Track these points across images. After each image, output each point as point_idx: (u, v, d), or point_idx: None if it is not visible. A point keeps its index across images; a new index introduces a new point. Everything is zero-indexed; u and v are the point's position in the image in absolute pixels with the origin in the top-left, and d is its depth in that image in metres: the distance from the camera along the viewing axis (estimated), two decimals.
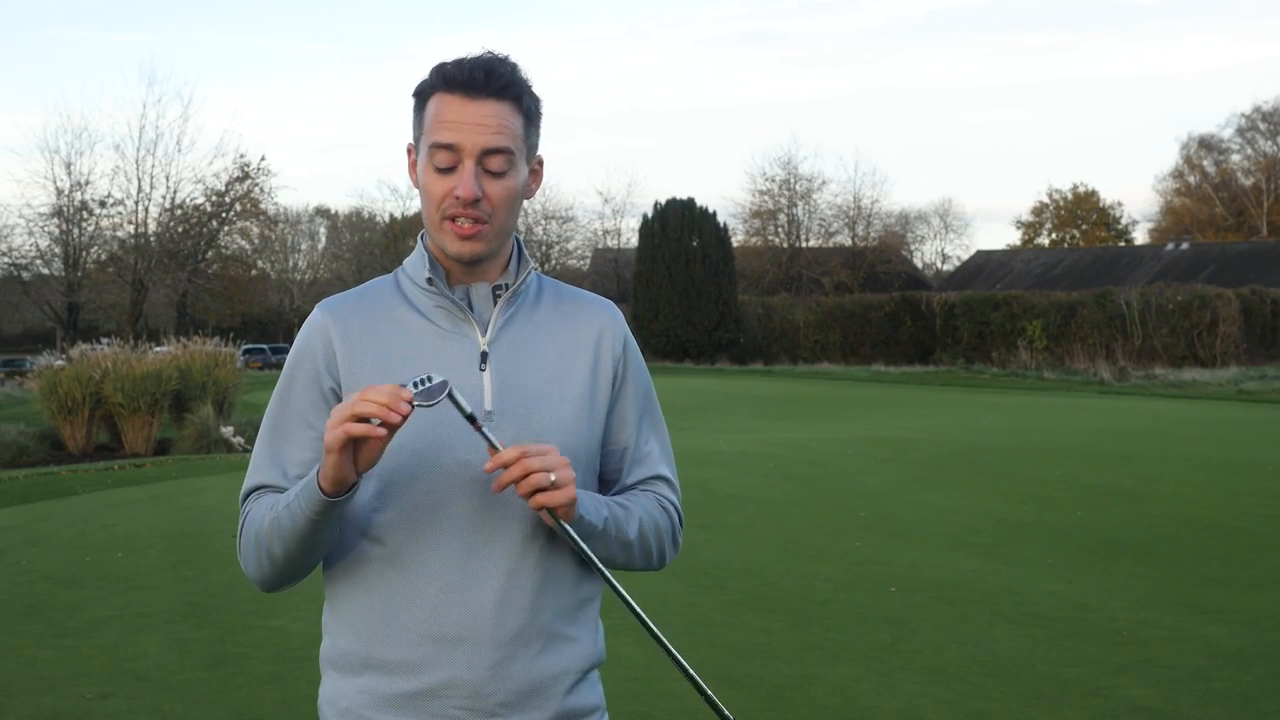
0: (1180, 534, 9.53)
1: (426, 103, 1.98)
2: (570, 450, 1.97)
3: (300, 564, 1.95)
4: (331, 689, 2.00)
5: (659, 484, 2.11)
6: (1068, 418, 20.99)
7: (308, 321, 2.03)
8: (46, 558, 8.79)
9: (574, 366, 2.03)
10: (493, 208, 1.96)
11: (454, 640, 1.91)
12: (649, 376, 2.14)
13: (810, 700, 5.43)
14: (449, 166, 1.94)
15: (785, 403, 26.60)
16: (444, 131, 1.93)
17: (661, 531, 2.07)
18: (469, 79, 1.94)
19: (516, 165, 1.98)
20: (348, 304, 2.04)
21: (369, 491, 1.94)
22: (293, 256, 71.28)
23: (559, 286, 2.11)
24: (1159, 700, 5.39)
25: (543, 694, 1.95)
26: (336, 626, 2.00)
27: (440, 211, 1.95)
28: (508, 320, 2.02)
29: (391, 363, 1.96)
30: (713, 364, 45.34)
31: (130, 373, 17.72)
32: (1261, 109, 67.58)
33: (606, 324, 2.08)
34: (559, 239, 58.73)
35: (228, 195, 47.65)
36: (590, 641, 2.04)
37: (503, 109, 1.95)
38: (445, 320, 2.00)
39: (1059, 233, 74.42)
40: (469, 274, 2.02)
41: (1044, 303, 40.92)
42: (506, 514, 1.94)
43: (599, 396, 2.04)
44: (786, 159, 63.04)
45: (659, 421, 2.14)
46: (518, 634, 1.93)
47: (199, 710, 5.29)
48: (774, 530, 9.83)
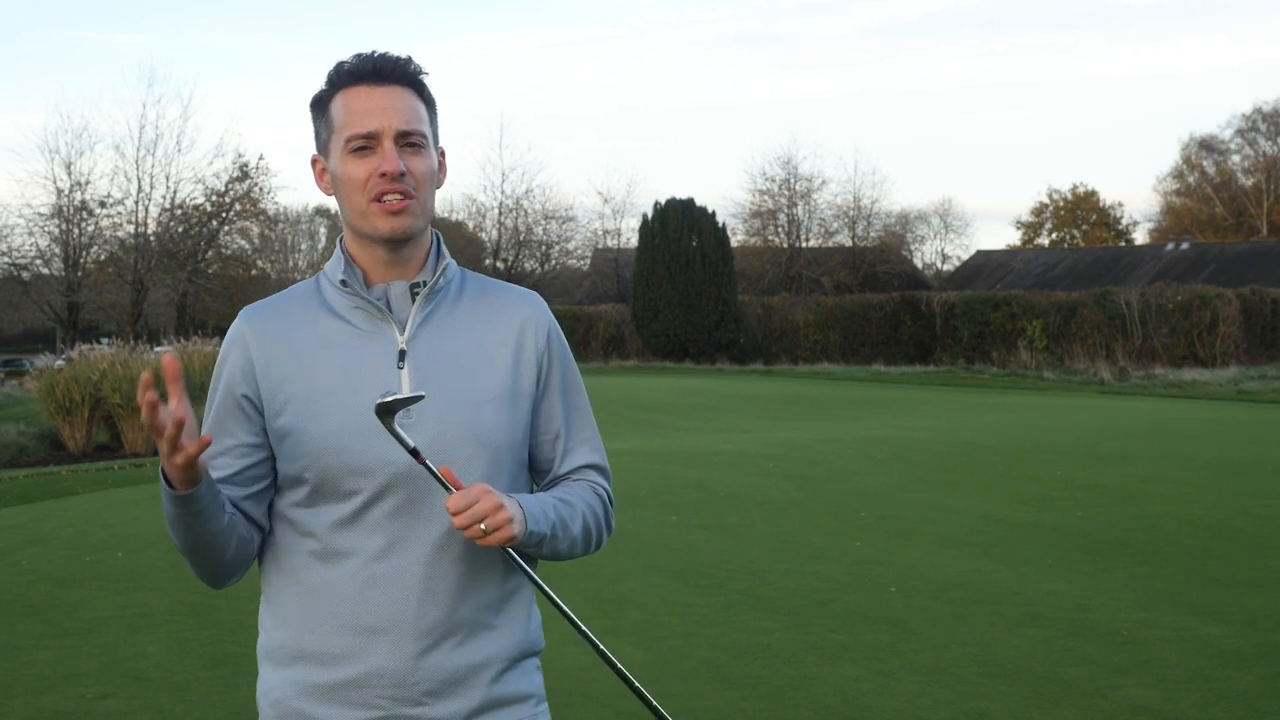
0: (1180, 534, 9.52)
1: (329, 104, 2.05)
2: (491, 446, 2.02)
3: (211, 555, 1.99)
4: (265, 681, 2.07)
5: (591, 472, 2.17)
6: (1068, 418, 20.99)
7: (229, 331, 2.10)
8: (46, 558, 8.79)
9: (495, 361, 2.07)
10: (416, 181, 2.01)
11: (378, 631, 1.98)
12: (575, 366, 2.20)
13: (810, 700, 5.43)
14: (368, 149, 2.00)
15: (785, 403, 26.60)
16: (359, 120, 2.00)
17: (600, 520, 2.15)
18: (374, 69, 2.02)
19: (430, 146, 2.05)
20: (268, 310, 2.09)
21: (299, 491, 2.01)
22: (293, 256, 71.24)
23: (483, 281, 2.15)
24: (1159, 700, 5.39)
25: (466, 683, 2.00)
26: (269, 620, 2.07)
27: (366, 194, 2.00)
28: (426, 317, 2.05)
29: (308, 365, 2.01)
30: (713, 364, 45.30)
31: (128, 373, 17.73)
32: (1262, 109, 67.58)
33: (529, 316, 2.12)
34: (559, 239, 58.66)
35: (227, 195, 47.60)
36: (519, 630, 2.08)
37: (408, 94, 2.03)
38: (363, 321, 2.04)
39: (1059, 233, 74.40)
40: (388, 272, 2.05)
41: (1044, 303, 40.89)
42: (429, 509, 1.99)
43: (522, 389, 2.08)
44: (786, 159, 62.90)
45: (586, 409, 2.20)
46: (439, 624, 1.99)
47: (199, 710, 5.29)
48: (774, 530, 9.83)
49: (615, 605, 6.15)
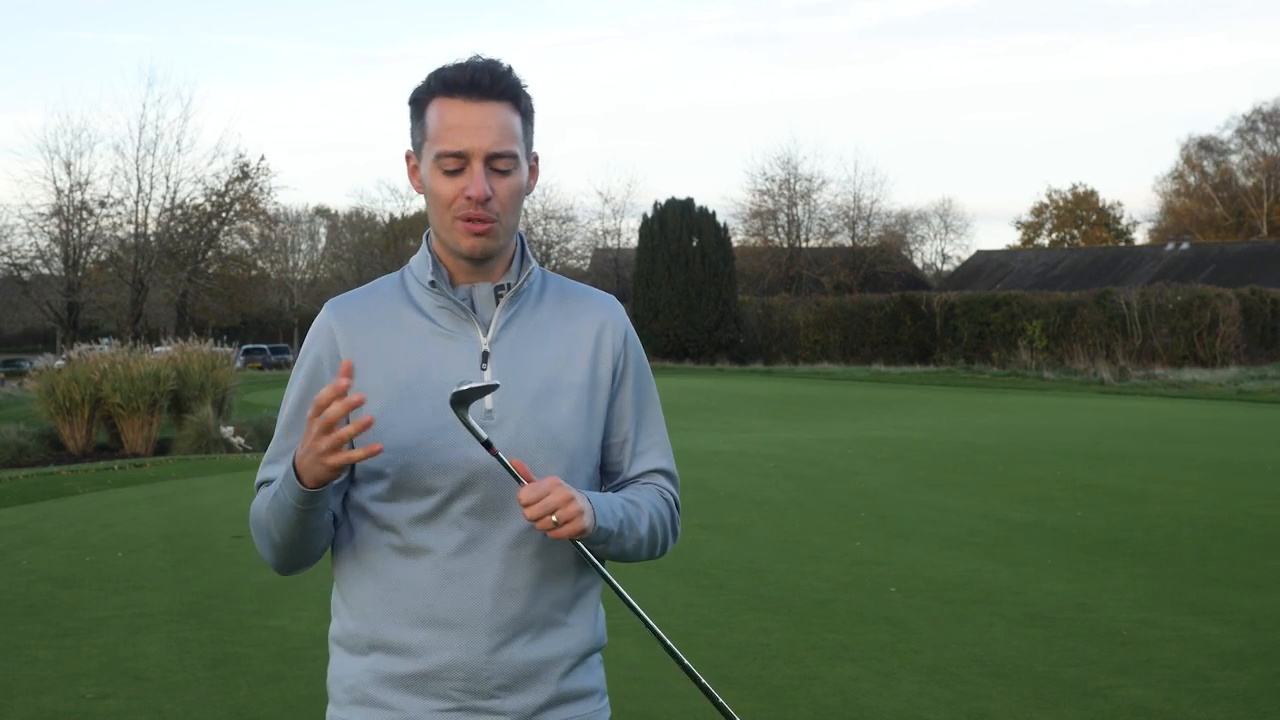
0: (1180, 534, 9.52)
1: (426, 109, 2.04)
2: (569, 448, 2.05)
3: (302, 548, 2.04)
4: (339, 667, 2.10)
5: (659, 476, 2.18)
6: (1068, 418, 20.99)
7: (316, 321, 2.11)
8: (46, 558, 8.79)
9: (574, 364, 2.09)
10: (501, 206, 2.02)
11: (453, 625, 2.00)
12: (649, 371, 2.21)
13: (810, 700, 5.43)
14: (457, 170, 2.00)
15: (785, 403, 26.60)
16: (450, 137, 2.00)
17: (665, 524, 2.16)
18: (471, 82, 2.00)
19: (519, 164, 2.05)
20: (354, 303, 2.11)
21: (379, 485, 2.03)
22: (293, 256, 71.25)
23: (563, 283, 2.17)
24: (1159, 700, 5.39)
25: (538, 677, 2.03)
26: (344, 609, 2.10)
27: (451, 212, 2.01)
28: (509, 320, 2.07)
29: (393, 362, 2.03)
30: (713, 364, 45.32)
31: (128, 373, 17.73)
32: (1261, 110, 67.62)
33: (607, 319, 2.14)
34: (559, 239, 58.70)
35: (227, 195, 47.55)
36: (588, 628, 2.11)
37: (503, 110, 2.02)
38: (448, 321, 2.06)
39: (1059, 233, 74.39)
40: (473, 274, 2.08)
41: (1044, 303, 40.91)
42: (507, 507, 2.02)
43: (599, 392, 2.10)
44: (786, 159, 63.02)
45: (658, 414, 2.21)
46: (514, 620, 2.01)
47: (199, 710, 5.29)
48: (774, 530, 9.83)
49: (615, 605, 6.15)
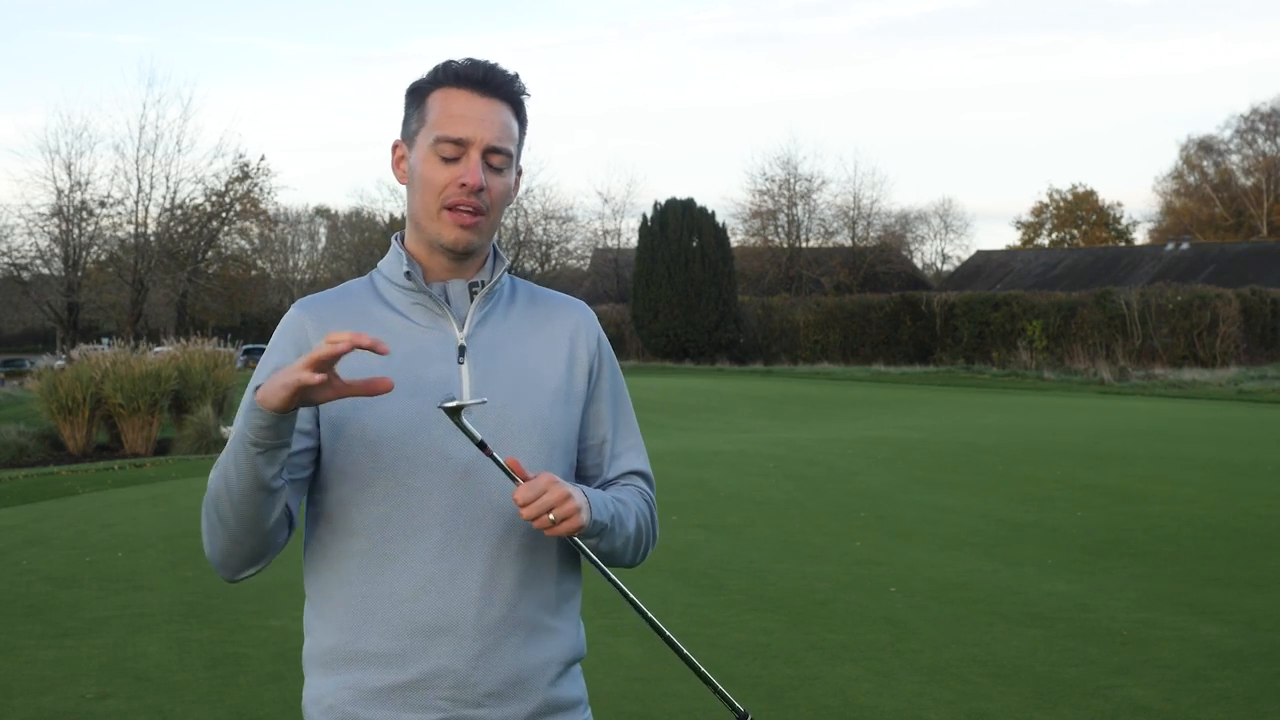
0: (1180, 534, 9.52)
1: (427, 98, 2.04)
2: (549, 440, 2.03)
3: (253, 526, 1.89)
4: (316, 688, 2.03)
5: (637, 478, 2.17)
6: (1068, 418, 20.98)
7: (285, 318, 2.06)
8: (46, 558, 8.79)
9: (549, 361, 2.08)
10: (491, 201, 2.02)
11: (438, 631, 1.94)
12: (621, 374, 2.21)
13: (810, 700, 5.43)
14: (454, 157, 1.99)
15: (785, 403, 26.59)
16: (454, 124, 1.99)
17: (649, 523, 2.15)
18: (483, 77, 2.01)
19: (512, 166, 2.06)
20: (325, 302, 2.08)
21: (351, 484, 1.97)
22: (293, 256, 71.27)
23: (532, 288, 2.17)
24: (1159, 700, 5.39)
25: (527, 684, 1.98)
26: (319, 624, 2.03)
27: (440, 200, 2.00)
28: (484, 316, 2.06)
29: (368, 359, 1.97)
30: (712, 364, 45.30)
31: (129, 373, 17.73)
32: (1260, 110, 67.65)
33: (580, 322, 2.14)
34: (559, 239, 58.68)
35: (227, 195, 47.56)
36: (573, 634, 2.08)
37: (506, 110, 2.03)
38: (422, 316, 2.04)
39: (1059, 233, 74.40)
40: (447, 271, 2.06)
41: (1044, 303, 40.88)
42: (488, 504, 1.98)
43: (575, 391, 2.10)
44: (786, 159, 63.06)
45: (632, 417, 2.22)
46: (500, 623, 1.96)
47: (199, 710, 5.29)
48: (774, 530, 9.82)
49: (615, 605, 6.15)
